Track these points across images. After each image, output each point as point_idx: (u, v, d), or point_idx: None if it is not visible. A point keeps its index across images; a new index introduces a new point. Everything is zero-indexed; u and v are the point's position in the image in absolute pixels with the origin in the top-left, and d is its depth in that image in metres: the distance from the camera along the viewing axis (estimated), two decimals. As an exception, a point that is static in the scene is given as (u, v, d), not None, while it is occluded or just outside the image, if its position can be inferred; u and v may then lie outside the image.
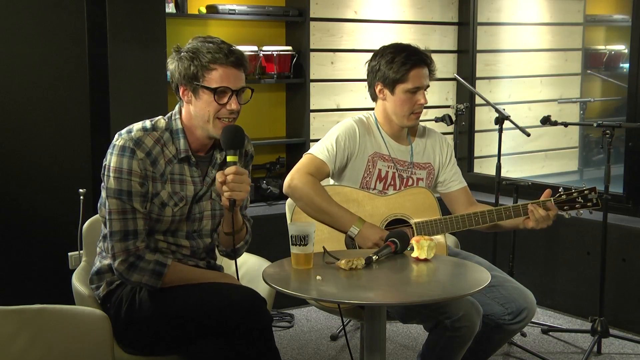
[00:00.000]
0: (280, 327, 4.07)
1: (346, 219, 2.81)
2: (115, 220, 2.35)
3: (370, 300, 2.22)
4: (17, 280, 3.74)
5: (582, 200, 2.79)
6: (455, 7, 5.30)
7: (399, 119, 2.93)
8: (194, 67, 2.35)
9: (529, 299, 2.80)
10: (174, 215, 2.41)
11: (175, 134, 2.43)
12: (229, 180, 2.30)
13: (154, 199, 2.38)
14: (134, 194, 2.34)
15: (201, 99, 2.37)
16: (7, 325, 2.18)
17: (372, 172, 2.94)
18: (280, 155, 4.78)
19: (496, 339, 2.86)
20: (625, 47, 5.87)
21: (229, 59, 2.35)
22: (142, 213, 2.36)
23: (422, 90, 2.90)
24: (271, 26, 4.74)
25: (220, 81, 2.35)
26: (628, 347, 3.80)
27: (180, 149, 2.42)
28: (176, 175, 2.42)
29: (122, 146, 2.36)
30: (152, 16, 3.99)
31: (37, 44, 3.76)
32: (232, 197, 2.31)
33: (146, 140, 2.38)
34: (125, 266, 2.34)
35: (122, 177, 2.34)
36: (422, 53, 2.92)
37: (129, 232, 2.34)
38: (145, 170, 2.36)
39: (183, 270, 2.42)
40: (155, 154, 2.38)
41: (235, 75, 2.37)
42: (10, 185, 3.76)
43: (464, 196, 3.04)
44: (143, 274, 2.34)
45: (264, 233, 3.85)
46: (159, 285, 2.36)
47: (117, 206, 2.34)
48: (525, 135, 3.84)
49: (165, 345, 2.39)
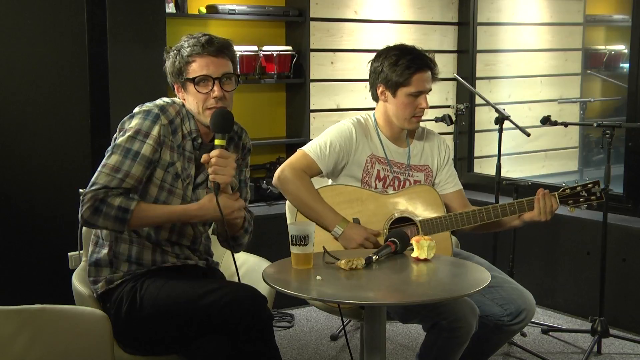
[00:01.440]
0: (280, 327, 4.07)
1: (330, 219, 2.80)
2: (104, 174, 2.34)
3: (370, 300, 2.22)
4: (17, 280, 3.74)
5: (586, 194, 2.80)
6: (455, 7, 5.30)
7: (400, 122, 2.93)
8: (178, 62, 2.43)
9: (528, 300, 2.80)
10: (184, 189, 2.45)
11: (186, 114, 2.49)
12: (213, 163, 2.33)
13: (169, 167, 2.42)
14: (142, 157, 2.36)
15: (190, 93, 2.44)
16: (7, 325, 2.18)
17: (370, 173, 2.94)
18: (280, 155, 4.78)
19: (495, 339, 2.86)
20: (625, 47, 5.87)
21: (206, 49, 2.40)
22: (136, 179, 2.35)
23: (424, 94, 2.89)
24: (271, 26, 4.75)
25: (199, 71, 2.40)
26: (628, 347, 3.80)
27: (192, 129, 2.48)
28: (187, 152, 2.47)
29: (147, 110, 2.42)
30: (152, 16, 3.99)
31: (37, 44, 3.76)
32: (215, 179, 2.33)
33: (170, 109, 2.45)
34: (90, 211, 2.32)
35: (137, 137, 2.37)
36: (426, 57, 2.89)
37: (108, 187, 2.33)
38: (165, 137, 2.40)
39: (149, 210, 2.37)
40: (177, 124, 2.45)
41: (215, 63, 2.41)
42: (10, 185, 3.76)
43: (458, 199, 3.03)
44: (107, 219, 2.32)
45: (264, 233, 3.85)
46: (124, 230, 2.35)
47: (115, 162, 2.35)
48: (525, 135, 3.84)
49: (166, 344, 2.39)
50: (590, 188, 2.80)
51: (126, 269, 2.46)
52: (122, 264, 2.47)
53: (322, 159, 2.89)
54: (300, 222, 2.52)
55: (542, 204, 2.77)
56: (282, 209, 3.22)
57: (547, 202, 2.77)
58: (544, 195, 2.78)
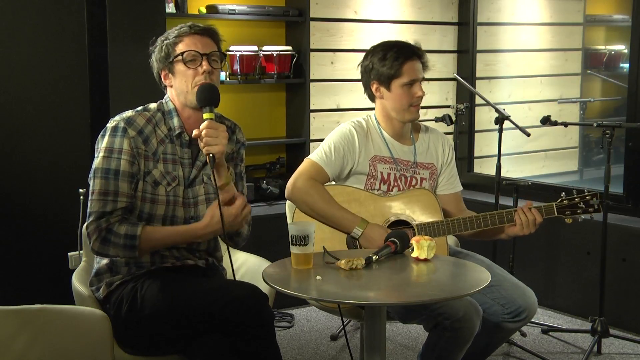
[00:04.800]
0: (280, 327, 4.07)
1: (349, 221, 2.82)
2: (95, 201, 2.37)
3: (370, 300, 2.22)
4: (17, 280, 3.74)
5: (584, 205, 2.81)
6: (455, 7, 5.30)
7: (400, 114, 2.93)
8: (165, 47, 2.46)
9: (530, 299, 2.80)
10: (167, 195, 2.44)
11: (168, 114, 2.50)
12: (204, 134, 2.32)
13: (147, 177, 2.42)
14: (122, 173, 2.38)
15: (178, 73, 2.46)
16: (7, 325, 2.18)
17: (374, 176, 2.94)
18: (280, 155, 4.78)
19: (496, 337, 2.86)
20: (625, 47, 5.87)
21: (193, 30, 2.46)
22: (127, 195, 2.38)
23: (417, 82, 2.91)
24: (271, 26, 4.75)
25: (187, 48, 2.43)
26: (628, 347, 3.80)
27: (174, 126, 2.47)
28: (169, 155, 2.46)
29: (114, 127, 2.42)
30: (152, 16, 3.99)
31: (37, 44, 3.76)
32: (209, 151, 2.32)
33: (137, 119, 2.45)
34: (99, 242, 2.36)
35: (112, 157, 2.38)
36: (412, 46, 2.94)
37: (105, 212, 2.36)
38: (137, 148, 2.40)
39: (155, 232, 2.40)
40: (147, 133, 2.44)
41: (202, 42, 2.45)
42: (10, 185, 3.76)
43: (455, 201, 3.03)
44: (117, 248, 2.36)
45: (264, 233, 3.85)
46: (136, 255, 2.38)
47: (100, 186, 2.37)
48: (525, 135, 3.84)
49: (166, 344, 2.39)
50: (588, 200, 2.81)
51: (126, 271, 2.47)
52: (121, 267, 2.48)
53: (329, 164, 2.90)
54: (300, 222, 2.52)
55: (524, 219, 2.79)
56: (282, 209, 3.22)
57: (530, 217, 2.79)
58: (522, 210, 2.80)
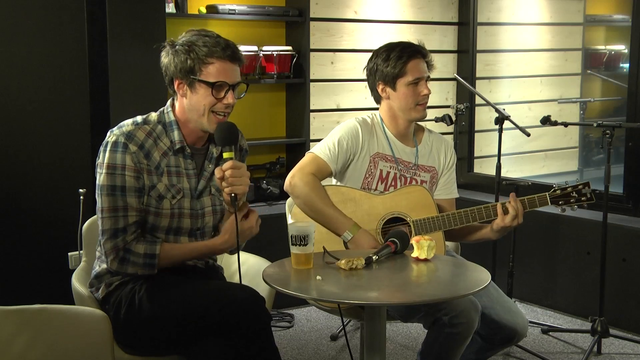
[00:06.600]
0: (280, 327, 4.07)
1: (341, 223, 2.81)
2: (107, 219, 2.36)
3: (370, 300, 2.22)
4: (17, 280, 3.74)
5: (577, 194, 2.84)
6: (455, 7, 5.30)
7: (406, 113, 2.94)
8: (191, 60, 2.35)
9: (520, 324, 2.77)
10: (172, 208, 2.42)
11: (168, 126, 2.44)
12: (228, 175, 2.31)
13: (151, 191, 2.39)
14: (128, 189, 2.35)
15: (197, 93, 2.38)
16: (7, 325, 2.18)
17: (373, 173, 2.94)
18: (280, 155, 4.78)
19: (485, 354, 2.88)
20: (625, 47, 5.87)
21: (226, 53, 2.36)
22: (136, 209, 2.36)
23: (423, 80, 2.91)
24: (271, 26, 4.74)
25: (217, 75, 2.35)
26: (628, 347, 3.80)
27: (175, 140, 2.43)
28: (172, 168, 2.43)
29: (114, 142, 2.38)
30: (152, 16, 3.99)
31: (37, 44, 3.76)
32: (232, 191, 2.31)
33: (138, 133, 2.39)
34: (117, 262, 2.36)
35: (115, 173, 2.35)
36: (415, 45, 2.95)
37: (118, 229, 2.35)
38: (140, 163, 2.37)
39: (174, 250, 2.42)
40: (148, 147, 2.40)
41: (232, 70, 2.38)
42: (10, 185, 3.76)
43: (448, 207, 3.01)
44: (136, 267, 2.37)
45: (264, 233, 3.83)
46: (155, 271, 2.39)
47: (109, 203, 2.35)
48: (525, 135, 3.84)
49: (165, 345, 2.39)
50: (580, 189, 2.85)
51: None
52: None
53: (333, 159, 2.90)
54: (300, 222, 2.52)
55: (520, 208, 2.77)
56: (282, 209, 3.22)
57: (519, 206, 2.78)
58: (513, 199, 2.79)
